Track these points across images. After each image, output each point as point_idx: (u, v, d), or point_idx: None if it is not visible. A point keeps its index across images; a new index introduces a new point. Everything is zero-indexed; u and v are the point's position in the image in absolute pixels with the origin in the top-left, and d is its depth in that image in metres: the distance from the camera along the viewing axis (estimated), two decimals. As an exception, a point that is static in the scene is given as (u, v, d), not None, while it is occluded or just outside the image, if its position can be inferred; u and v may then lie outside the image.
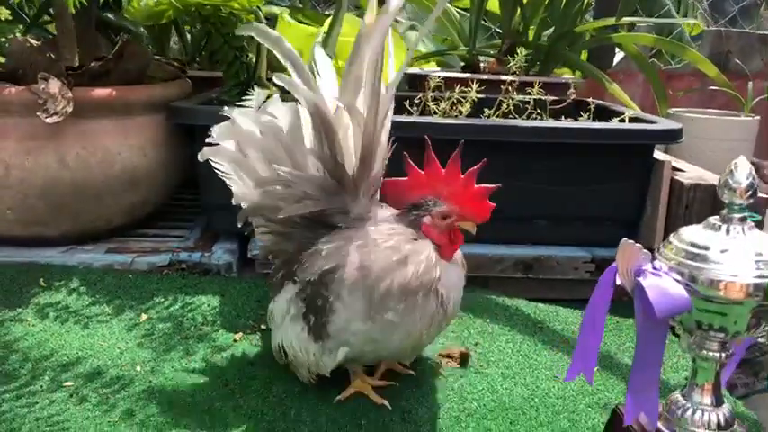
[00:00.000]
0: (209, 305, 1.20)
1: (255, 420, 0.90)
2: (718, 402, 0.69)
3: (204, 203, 1.39)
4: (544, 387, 1.01)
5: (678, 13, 3.18)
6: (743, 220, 0.65)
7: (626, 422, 0.71)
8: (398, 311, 0.84)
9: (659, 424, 0.71)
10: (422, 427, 0.90)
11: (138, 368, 1.00)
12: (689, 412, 0.69)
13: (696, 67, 2.16)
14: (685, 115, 2.35)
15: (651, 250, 0.67)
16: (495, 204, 0.90)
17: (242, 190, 0.98)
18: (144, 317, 1.15)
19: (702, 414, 0.69)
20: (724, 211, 0.66)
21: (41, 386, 0.95)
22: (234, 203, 1.00)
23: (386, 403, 0.92)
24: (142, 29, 2.07)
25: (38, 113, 1.15)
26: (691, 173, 1.42)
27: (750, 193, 0.65)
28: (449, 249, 0.89)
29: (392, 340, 0.88)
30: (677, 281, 0.64)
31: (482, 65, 2.16)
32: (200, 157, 0.99)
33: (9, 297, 1.17)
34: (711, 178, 1.38)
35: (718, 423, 0.68)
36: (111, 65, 1.28)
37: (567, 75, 2.36)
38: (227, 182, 0.99)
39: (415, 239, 0.87)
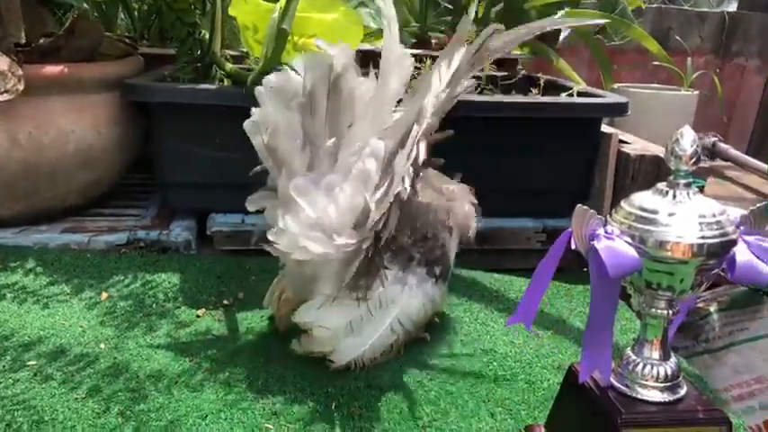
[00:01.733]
0: (169, 282, 1.20)
1: (224, 392, 0.91)
2: (665, 357, 0.74)
3: (161, 180, 1.38)
4: (502, 352, 1.05)
5: (621, -10, 3.26)
6: (688, 185, 0.70)
7: (581, 379, 0.75)
8: None
9: (612, 379, 0.75)
10: (386, 392, 0.93)
11: (102, 346, 1.00)
12: (639, 366, 0.73)
13: (638, 44, 2.22)
14: (629, 90, 2.42)
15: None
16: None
17: None
18: (104, 295, 1.14)
19: (651, 368, 0.73)
20: (671, 177, 0.70)
21: (3, 366, 0.94)
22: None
23: None
24: (85, 4, 2.02)
25: (-13, 91, 1.13)
26: (635, 144, 1.48)
27: (694, 160, 0.69)
28: None
29: None
30: (628, 243, 0.68)
31: (433, 41, 2.18)
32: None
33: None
34: (655, 149, 1.44)
35: (666, 375, 0.73)
36: (62, 41, 1.26)
37: (515, 51, 2.40)
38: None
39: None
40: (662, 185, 0.71)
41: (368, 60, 1.89)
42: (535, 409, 0.92)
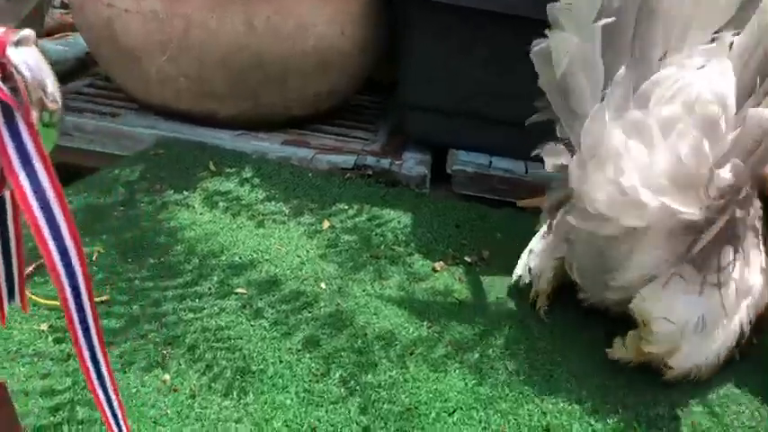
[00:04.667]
0: (399, 222, 0.98)
1: (475, 380, 0.68)
2: None
3: (402, 99, 1.15)
4: None
5: None
6: None
7: None
8: None
9: None
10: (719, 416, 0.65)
11: (323, 285, 0.80)
12: None
13: None
14: None
15: None
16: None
17: None
18: (326, 224, 0.94)
19: None
20: None
21: (209, 288, 0.77)
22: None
23: None
24: None
25: (232, -39, 0.95)
26: None
27: None
28: None
29: None
30: None
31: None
32: None
33: (174, 177, 1.00)
34: None
35: None
36: None
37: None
38: None
39: None
40: None
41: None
42: None
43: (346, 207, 1.00)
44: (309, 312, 0.75)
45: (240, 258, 0.83)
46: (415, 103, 1.11)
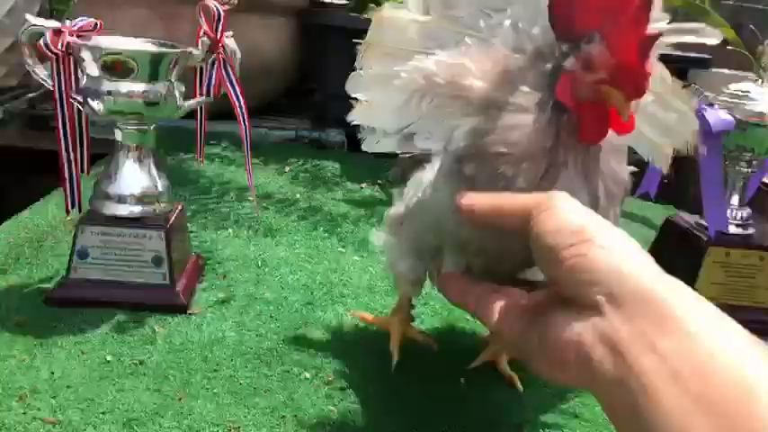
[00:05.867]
0: (333, 167, 1.52)
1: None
2: (741, 203, 1.02)
3: (320, 93, 1.70)
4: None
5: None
6: (771, 77, 0.97)
7: (711, 233, 0.98)
8: None
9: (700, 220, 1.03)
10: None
11: (298, 195, 1.33)
12: (722, 210, 1.01)
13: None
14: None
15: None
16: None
17: None
18: (288, 168, 1.47)
19: (731, 211, 1.01)
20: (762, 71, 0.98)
21: (230, 198, 1.27)
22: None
23: None
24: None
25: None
26: None
27: (777, 57, 0.97)
28: (589, 128, 0.50)
29: None
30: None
31: None
32: None
33: (178, 148, 1.48)
34: None
35: (741, 217, 1.01)
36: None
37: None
38: None
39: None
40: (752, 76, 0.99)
41: None
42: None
43: (296, 160, 1.52)
44: (296, 207, 1.27)
45: (243, 185, 1.33)
46: (332, 93, 1.66)
